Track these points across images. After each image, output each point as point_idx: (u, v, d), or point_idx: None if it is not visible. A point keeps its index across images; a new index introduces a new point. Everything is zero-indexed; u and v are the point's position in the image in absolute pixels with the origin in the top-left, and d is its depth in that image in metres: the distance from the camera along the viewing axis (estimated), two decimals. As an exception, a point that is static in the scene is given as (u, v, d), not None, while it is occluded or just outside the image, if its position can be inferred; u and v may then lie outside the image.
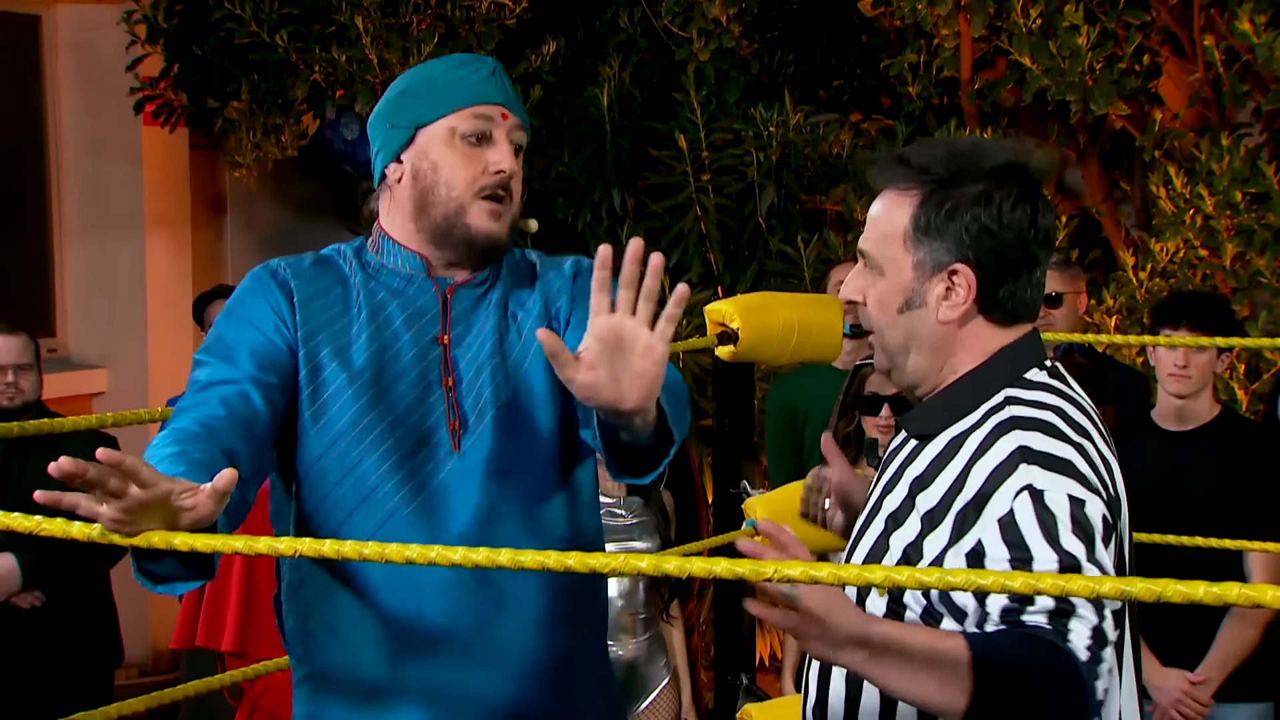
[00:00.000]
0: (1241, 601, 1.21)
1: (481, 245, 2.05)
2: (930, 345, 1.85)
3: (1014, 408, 1.79)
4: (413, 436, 1.99)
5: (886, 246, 1.84)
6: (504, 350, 2.06)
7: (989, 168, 1.81)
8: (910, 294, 1.84)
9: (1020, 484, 1.69)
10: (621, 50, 6.22)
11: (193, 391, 1.95)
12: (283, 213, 7.50)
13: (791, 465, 4.33)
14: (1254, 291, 4.96)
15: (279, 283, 2.04)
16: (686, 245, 5.81)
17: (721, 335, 3.15)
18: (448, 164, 2.04)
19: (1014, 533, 1.66)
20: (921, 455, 1.84)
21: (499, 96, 2.06)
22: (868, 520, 1.91)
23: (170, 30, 6.23)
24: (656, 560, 1.38)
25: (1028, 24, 5.19)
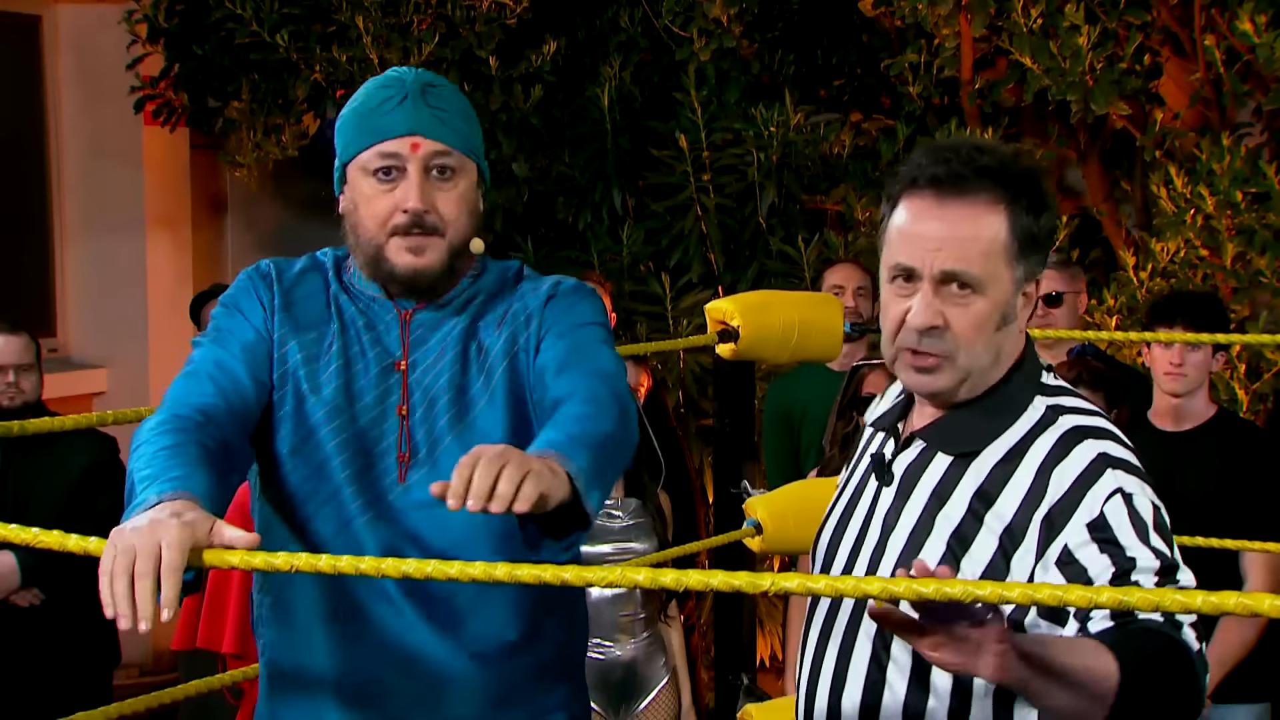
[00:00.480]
0: (1239, 611, 1.22)
1: (406, 282, 1.98)
2: (1006, 358, 1.81)
3: (1068, 418, 1.78)
4: (367, 455, 1.98)
5: (990, 263, 1.75)
6: (463, 383, 1.99)
7: (1035, 174, 1.80)
8: (1007, 309, 1.78)
9: (1110, 488, 1.69)
10: (622, 50, 6.22)
11: (189, 374, 1.98)
12: (283, 212, 7.50)
13: (788, 466, 4.33)
14: (1255, 291, 4.95)
15: (266, 283, 2.05)
16: (687, 245, 5.81)
17: (722, 333, 3.15)
18: (364, 202, 1.98)
19: (1107, 532, 1.67)
20: (969, 474, 1.78)
21: (405, 126, 1.95)
22: (883, 534, 1.84)
23: (171, 30, 6.23)
24: (653, 574, 1.38)
25: (1028, 24, 5.19)
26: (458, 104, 2.01)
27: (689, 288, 5.78)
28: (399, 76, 2.02)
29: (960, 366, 1.78)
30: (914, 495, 1.82)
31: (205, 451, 1.79)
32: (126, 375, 6.65)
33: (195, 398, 1.92)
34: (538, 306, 2.03)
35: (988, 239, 1.75)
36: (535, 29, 6.21)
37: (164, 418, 1.85)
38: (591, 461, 1.69)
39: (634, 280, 5.83)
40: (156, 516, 1.57)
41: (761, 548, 3.20)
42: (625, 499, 3.87)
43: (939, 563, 1.74)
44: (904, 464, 1.86)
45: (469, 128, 2.01)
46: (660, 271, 5.81)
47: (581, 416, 1.79)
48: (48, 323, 6.64)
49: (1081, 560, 1.66)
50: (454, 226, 1.98)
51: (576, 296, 2.06)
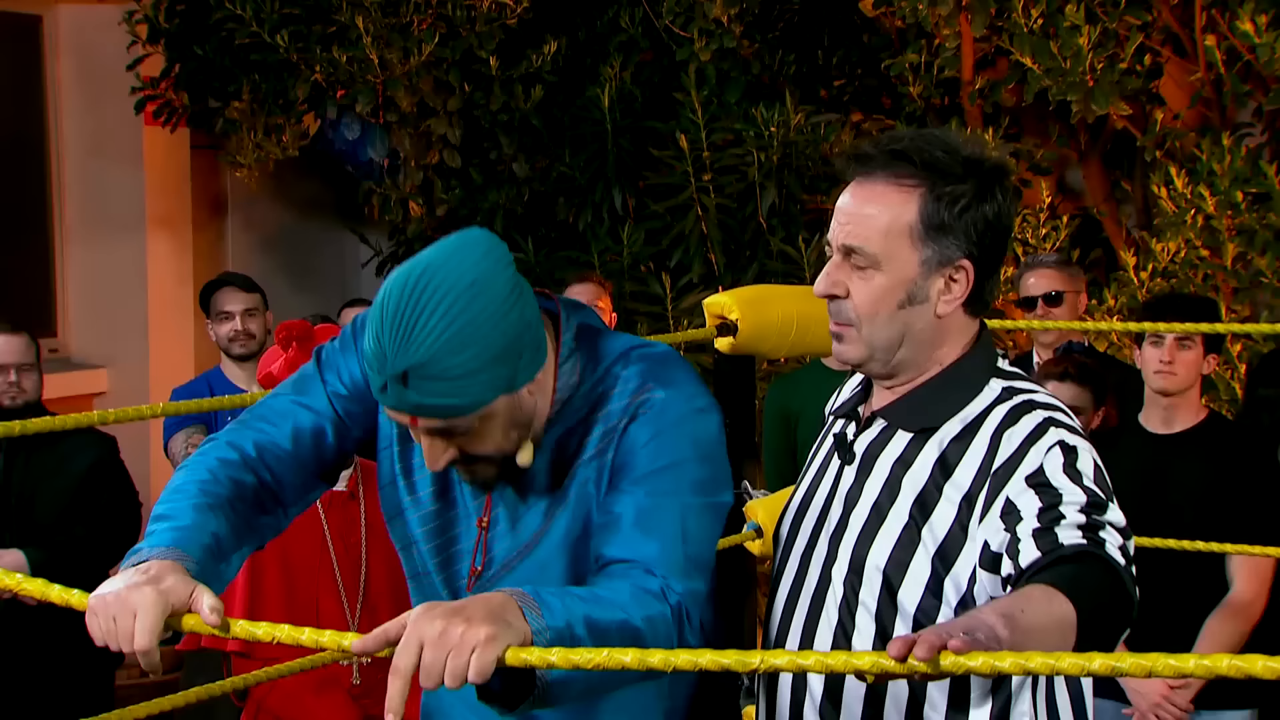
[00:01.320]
0: (1231, 673, 1.20)
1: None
2: (921, 339, 1.86)
3: (1023, 395, 1.85)
4: (447, 550, 1.95)
5: (889, 242, 1.81)
6: (539, 505, 1.87)
7: (982, 162, 1.84)
8: (913, 289, 1.83)
9: (1051, 441, 1.76)
10: (623, 50, 6.22)
11: (282, 395, 1.93)
12: (284, 213, 7.50)
13: (786, 466, 4.33)
14: (1255, 291, 4.96)
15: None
16: (687, 245, 5.81)
17: (720, 327, 3.14)
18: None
19: (1041, 477, 1.73)
20: (927, 447, 1.84)
21: (403, 409, 1.70)
22: (845, 510, 1.89)
23: (171, 30, 6.23)
24: (640, 654, 1.39)
25: (1029, 24, 5.19)
26: (454, 371, 1.66)
27: (689, 288, 5.78)
28: (378, 357, 1.67)
29: (864, 338, 1.85)
30: (875, 470, 1.89)
31: (240, 489, 1.81)
32: (127, 375, 6.65)
33: (266, 434, 1.88)
34: (619, 431, 1.80)
35: (888, 218, 1.81)
36: (536, 29, 6.21)
37: (223, 441, 1.87)
38: (575, 632, 1.54)
39: (634, 280, 5.83)
40: (133, 581, 1.59)
41: (762, 551, 3.20)
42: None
43: (900, 532, 1.81)
44: (865, 442, 1.93)
45: (477, 385, 1.68)
46: (661, 272, 5.81)
47: (608, 595, 1.63)
48: (48, 323, 6.64)
49: (1018, 506, 1.72)
50: (492, 452, 1.77)
51: (667, 420, 1.79)
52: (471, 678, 1.46)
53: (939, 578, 1.78)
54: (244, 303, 4.57)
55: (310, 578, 3.39)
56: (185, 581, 1.61)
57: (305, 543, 3.39)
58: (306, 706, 3.33)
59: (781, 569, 2.00)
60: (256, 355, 4.52)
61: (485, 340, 1.67)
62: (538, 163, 6.24)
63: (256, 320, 4.57)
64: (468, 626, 1.46)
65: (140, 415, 2.59)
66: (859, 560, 1.85)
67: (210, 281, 4.74)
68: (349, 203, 7.23)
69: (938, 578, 1.79)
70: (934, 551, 1.79)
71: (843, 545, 1.88)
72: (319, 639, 1.50)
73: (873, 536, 1.84)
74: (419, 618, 1.49)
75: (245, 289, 4.61)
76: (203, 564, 1.68)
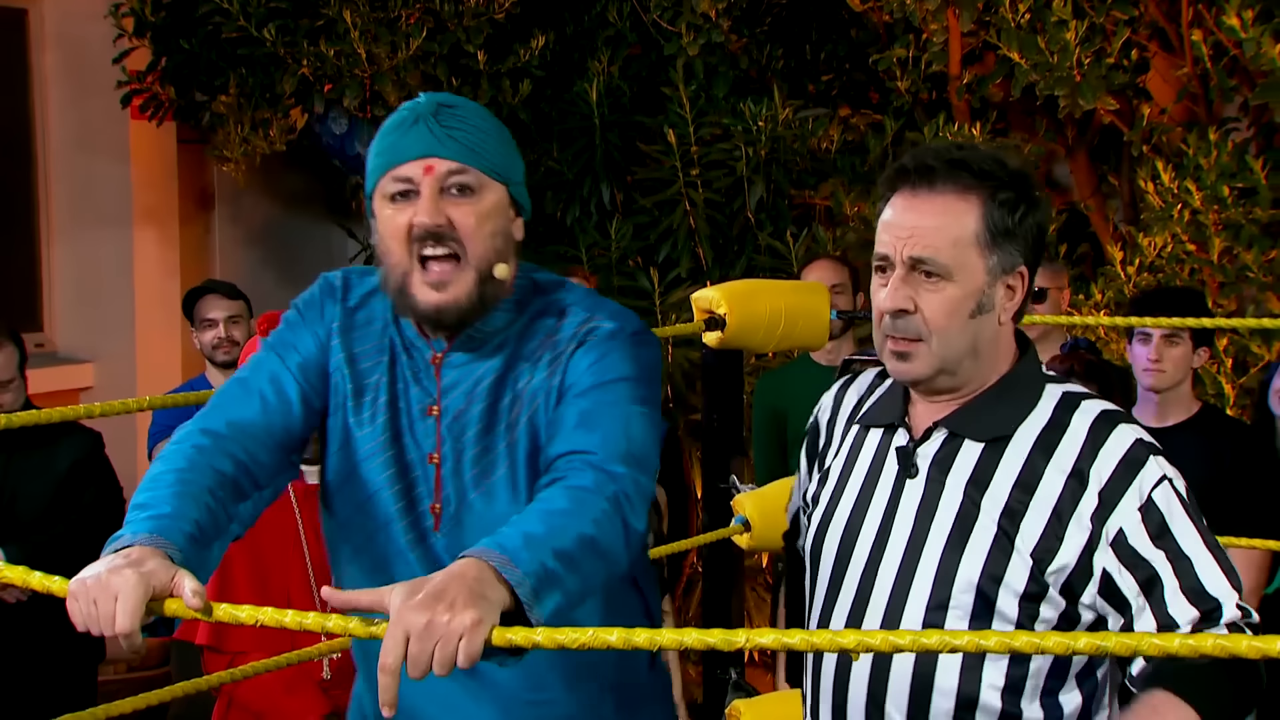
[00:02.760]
0: (1216, 652, 1.22)
1: (430, 319, 1.91)
2: (988, 348, 1.88)
3: (1088, 402, 1.88)
4: (408, 496, 1.97)
5: (959, 251, 1.83)
6: (488, 441, 1.93)
7: (1024, 172, 1.88)
8: (982, 298, 1.85)
9: (1156, 475, 1.82)
10: (610, 45, 6.21)
11: (243, 379, 1.97)
12: (271, 207, 7.49)
13: (775, 461, 4.34)
14: (1241, 286, 4.97)
15: (333, 299, 2.03)
16: (675, 240, 5.81)
17: (709, 321, 3.15)
18: (385, 229, 1.92)
19: (1155, 515, 1.79)
20: (1006, 456, 1.85)
21: (419, 149, 1.88)
22: (919, 525, 1.87)
23: (157, 24, 6.21)
24: (626, 634, 1.39)
25: (1016, 19, 5.19)
26: (478, 123, 1.94)
27: (677, 282, 5.78)
28: (415, 102, 1.94)
29: (934, 352, 1.85)
30: (949, 483, 1.88)
31: (218, 477, 1.81)
32: (114, 370, 6.63)
33: (235, 410, 1.92)
34: (566, 356, 1.92)
35: (956, 227, 1.83)
36: (523, 24, 6.20)
37: (194, 430, 1.88)
38: (548, 566, 1.60)
39: (622, 275, 5.82)
40: (115, 565, 1.60)
41: (750, 544, 3.20)
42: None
43: (990, 546, 1.82)
44: (929, 454, 1.91)
45: (491, 147, 1.93)
46: (649, 266, 5.81)
47: (554, 512, 1.69)
48: (34, 318, 6.62)
49: (1140, 549, 1.77)
50: (475, 245, 1.89)
51: (611, 345, 1.92)
52: (461, 664, 1.47)
53: (1039, 585, 1.80)
54: (228, 310, 4.55)
55: (282, 569, 3.41)
56: (167, 566, 1.61)
57: (277, 534, 3.40)
58: (276, 700, 3.34)
59: (835, 585, 1.95)
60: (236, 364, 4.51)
61: (500, 130, 1.96)
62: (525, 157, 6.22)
63: (240, 327, 4.55)
64: (452, 614, 1.47)
65: (126, 409, 2.59)
66: (947, 576, 1.83)
67: (194, 289, 4.73)
68: (336, 197, 7.22)
69: (1037, 585, 1.80)
70: (1030, 562, 1.80)
71: (922, 562, 1.86)
72: (302, 620, 1.50)
73: (960, 551, 1.83)
74: (401, 610, 1.49)
75: (229, 296, 4.59)
76: (185, 551, 1.68)
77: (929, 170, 1.85)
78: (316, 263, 7.61)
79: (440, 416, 1.95)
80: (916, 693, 1.84)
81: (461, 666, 1.47)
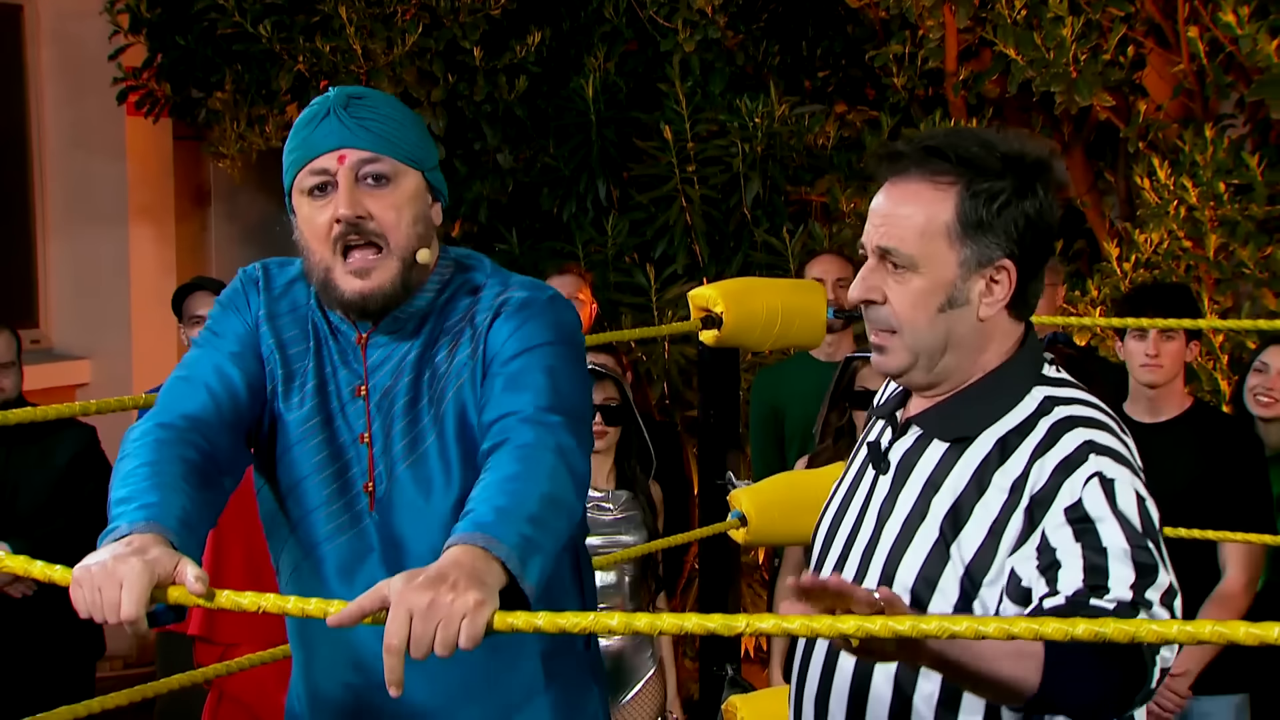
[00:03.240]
0: (1214, 639, 1.22)
1: (355, 307, 1.93)
2: (966, 344, 1.79)
3: (1064, 408, 1.77)
4: (339, 480, 1.98)
5: (926, 242, 1.75)
6: (414, 414, 1.95)
7: (1022, 158, 1.78)
8: (953, 292, 1.76)
9: (1090, 472, 1.69)
10: (607, 41, 6.21)
11: (182, 377, 1.98)
12: (267, 204, 7.48)
13: (773, 457, 4.34)
14: (1237, 283, 4.98)
15: (255, 290, 2.05)
16: (672, 236, 5.80)
17: (705, 319, 3.15)
18: (305, 225, 1.94)
19: (1080, 512, 1.66)
20: (963, 459, 1.78)
21: (332, 141, 1.91)
22: (879, 522, 1.84)
23: (153, 20, 6.20)
24: (626, 619, 1.38)
25: (1013, 15, 5.19)
26: (388, 112, 1.96)
27: (674, 279, 5.78)
28: (325, 97, 1.97)
29: (906, 345, 1.79)
30: (909, 482, 1.83)
31: (187, 466, 1.81)
32: (110, 367, 6.63)
33: (185, 404, 1.92)
34: (484, 327, 1.95)
35: (924, 218, 1.76)
36: (520, 20, 6.20)
37: (150, 426, 1.88)
38: (525, 534, 1.63)
39: (619, 271, 5.83)
40: (119, 553, 1.60)
41: (746, 540, 3.21)
42: (615, 491, 3.86)
43: (930, 548, 1.76)
44: (900, 451, 1.87)
45: (403, 135, 1.95)
46: (645, 263, 5.81)
47: (511, 478, 1.72)
48: (30, 314, 6.62)
49: (1055, 546, 1.65)
50: (396, 235, 1.91)
51: (527, 313, 1.95)
52: (463, 645, 1.48)
53: (968, 597, 1.73)
54: None
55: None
56: (169, 553, 1.62)
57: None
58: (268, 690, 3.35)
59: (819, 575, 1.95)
60: None
61: (412, 118, 1.99)
62: (522, 154, 6.23)
63: None
64: (455, 595, 1.49)
65: (122, 405, 2.59)
66: (889, 576, 1.79)
67: (183, 285, 4.74)
68: (332, 194, 7.21)
69: (966, 598, 1.73)
70: (963, 571, 1.73)
71: (874, 560, 1.82)
72: (305, 607, 1.50)
73: (903, 552, 1.78)
74: (404, 589, 1.50)
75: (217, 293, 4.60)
76: (181, 537, 1.69)
77: (898, 157, 1.79)
78: (313, 259, 7.61)
79: (368, 396, 1.97)
80: (855, 695, 1.81)
81: (463, 648, 1.48)
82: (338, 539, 1.97)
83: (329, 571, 1.97)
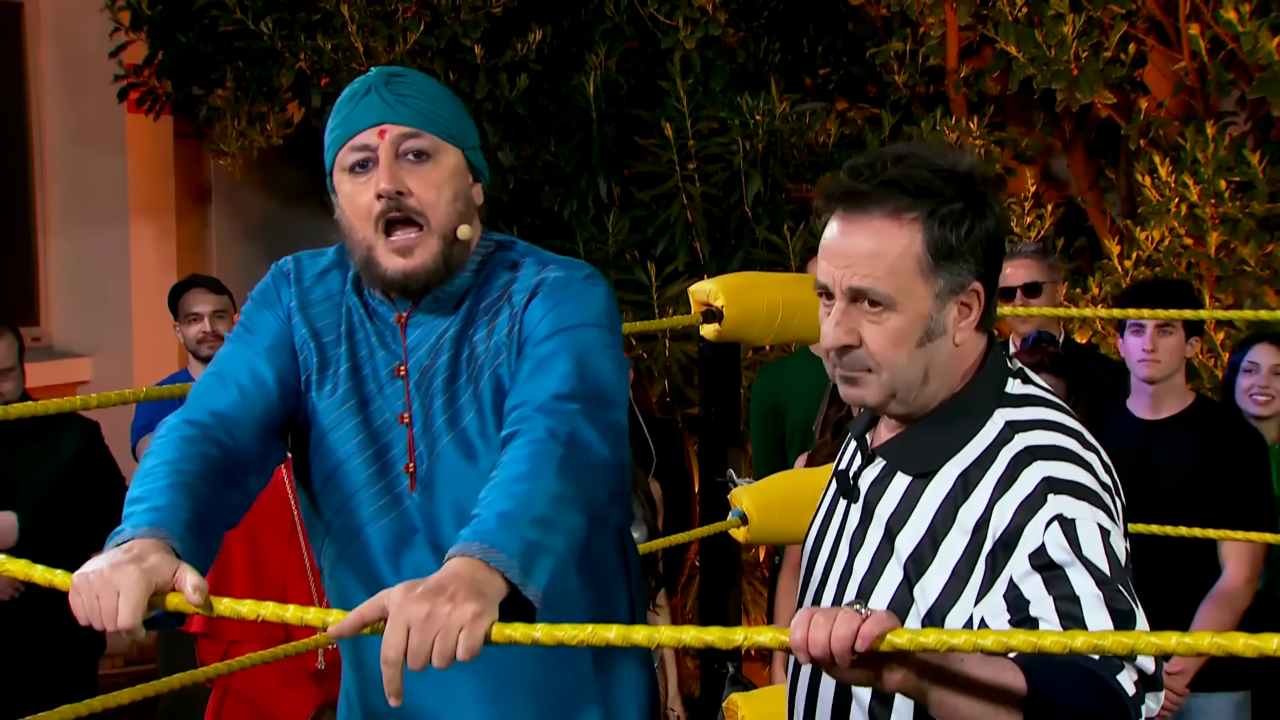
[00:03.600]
0: (1213, 651, 1.21)
1: (397, 286, 1.94)
2: (943, 371, 1.76)
3: (1023, 435, 1.73)
4: (378, 462, 1.98)
5: (898, 280, 1.70)
6: (453, 391, 1.96)
7: (971, 178, 1.74)
8: (930, 324, 1.72)
9: (1050, 514, 1.64)
10: (607, 38, 6.21)
11: (214, 373, 1.99)
12: (268, 201, 7.48)
13: (774, 454, 4.34)
14: (1238, 280, 4.97)
15: (286, 283, 2.07)
16: (673, 234, 5.80)
17: (706, 314, 3.14)
18: (346, 202, 1.96)
19: (1044, 559, 1.62)
20: (925, 496, 1.75)
21: (372, 118, 1.93)
22: (851, 553, 1.82)
23: (154, 17, 6.20)
24: (625, 631, 1.39)
25: (1014, 12, 5.19)
26: (428, 89, 1.98)
27: (674, 276, 5.77)
28: (364, 75, 1.99)
29: (884, 382, 1.74)
30: (876, 515, 1.80)
31: (208, 464, 1.82)
32: (111, 364, 6.63)
33: (214, 400, 1.93)
34: (521, 307, 1.95)
35: (894, 254, 1.71)
36: (520, 17, 6.20)
37: (177, 422, 1.89)
38: (529, 539, 1.63)
39: (619, 269, 5.82)
40: (117, 560, 1.61)
41: (747, 538, 3.20)
42: (614, 489, 3.85)
43: (895, 590, 1.73)
44: (867, 481, 1.84)
45: (443, 112, 1.97)
46: (646, 260, 5.81)
47: (518, 478, 1.71)
48: (31, 312, 6.62)
49: (1027, 595, 1.62)
50: (436, 211, 1.92)
51: (564, 294, 1.95)
52: (460, 657, 1.48)
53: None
54: (212, 304, 4.55)
55: (278, 561, 3.42)
56: (169, 560, 1.63)
57: (273, 526, 3.42)
58: (272, 690, 3.35)
59: (803, 597, 1.94)
60: None
61: (453, 97, 2.00)
62: (523, 151, 6.23)
63: (225, 322, 4.55)
64: (453, 606, 1.49)
65: (123, 400, 2.59)
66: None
67: (178, 283, 4.73)
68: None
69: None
70: (924, 614, 1.70)
71: (847, 593, 1.80)
72: (304, 616, 1.51)
73: (871, 589, 1.76)
74: (402, 601, 1.50)
75: (214, 291, 4.59)
76: (185, 542, 1.69)
77: (859, 195, 1.72)
78: (313, 257, 7.60)
79: (407, 376, 1.97)
80: (839, 697, 1.80)
81: (461, 659, 1.48)
82: (380, 520, 1.97)
83: (376, 555, 1.97)
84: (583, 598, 2.00)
